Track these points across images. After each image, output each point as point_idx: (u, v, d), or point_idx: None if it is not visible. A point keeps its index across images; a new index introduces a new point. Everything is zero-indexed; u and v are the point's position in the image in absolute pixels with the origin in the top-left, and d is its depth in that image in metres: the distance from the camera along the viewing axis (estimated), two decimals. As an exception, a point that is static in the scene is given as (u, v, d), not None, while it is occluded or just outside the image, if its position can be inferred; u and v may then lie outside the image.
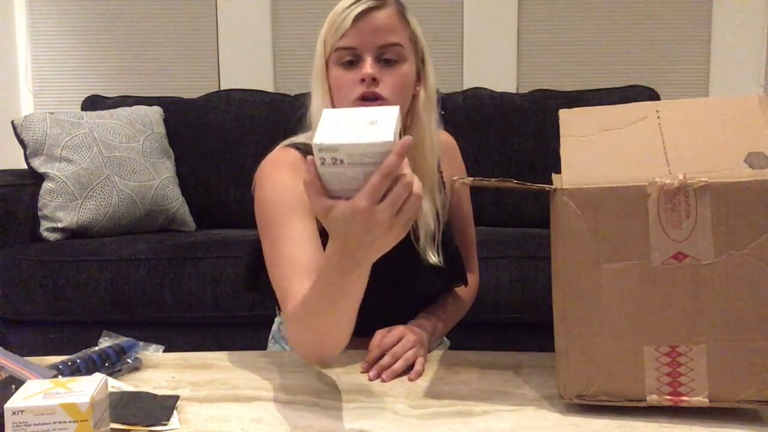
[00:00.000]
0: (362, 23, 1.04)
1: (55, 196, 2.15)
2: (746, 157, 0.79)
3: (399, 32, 1.07)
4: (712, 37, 3.19)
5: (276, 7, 3.22)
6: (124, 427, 0.79)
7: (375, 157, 0.67)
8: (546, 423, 0.83)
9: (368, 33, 1.04)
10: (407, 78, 1.08)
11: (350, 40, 1.04)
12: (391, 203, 0.69)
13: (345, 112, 0.72)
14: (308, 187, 0.71)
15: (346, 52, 1.05)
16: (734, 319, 0.79)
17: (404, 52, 1.07)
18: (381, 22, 1.05)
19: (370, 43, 1.04)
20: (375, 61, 1.05)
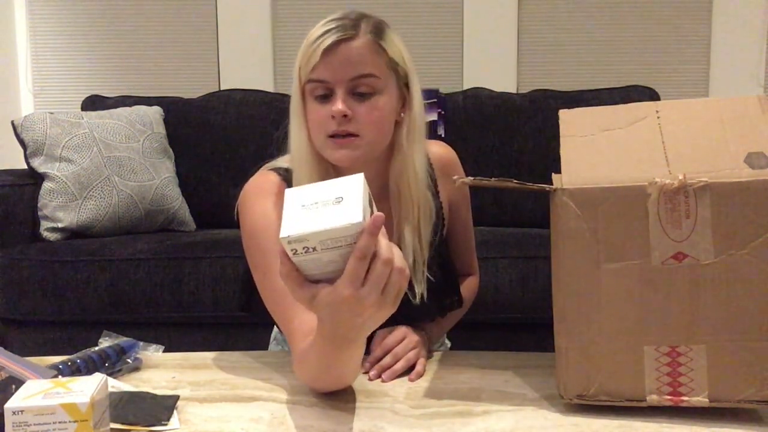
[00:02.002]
0: (332, 57, 0.99)
1: (55, 196, 2.15)
2: (746, 157, 0.79)
3: (373, 63, 1.01)
4: (712, 37, 3.19)
5: (276, 7, 3.22)
6: (124, 427, 0.79)
7: (347, 239, 0.65)
8: (546, 423, 0.83)
9: (338, 66, 0.99)
10: (383, 111, 1.02)
11: (321, 73, 1.00)
12: (375, 284, 0.67)
13: (308, 191, 0.68)
14: (286, 279, 0.69)
15: (318, 85, 1.01)
16: (734, 319, 0.79)
17: (379, 84, 1.01)
18: (352, 54, 0.99)
19: (341, 77, 0.99)
20: (348, 94, 1.00)
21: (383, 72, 1.02)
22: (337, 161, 1.03)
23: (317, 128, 1.03)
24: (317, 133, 1.03)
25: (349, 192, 0.67)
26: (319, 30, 1.00)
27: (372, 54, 1.01)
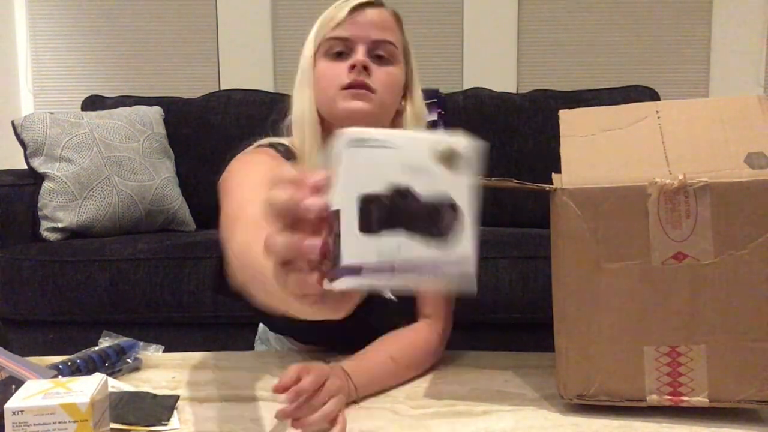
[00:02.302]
0: (358, 16, 1.01)
1: (55, 196, 2.15)
2: (746, 157, 0.79)
3: (394, 33, 1.04)
4: (712, 37, 3.19)
5: (276, 7, 3.22)
6: (124, 427, 0.79)
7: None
8: (546, 423, 0.83)
9: (363, 26, 1.01)
10: (397, 79, 1.04)
11: (343, 31, 1.01)
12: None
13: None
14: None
15: (337, 42, 1.01)
16: (734, 319, 0.79)
17: (396, 54, 1.04)
18: (377, 18, 1.02)
19: (364, 36, 1.01)
20: (366, 54, 1.01)
21: (400, 46, 1.05)
22: (349, 112, 0.99)
23: (329, 82, 1.01)
24: (328, 87, 1.01)
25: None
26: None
27: (394, 26, 1.04)
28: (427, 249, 0.44)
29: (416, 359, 1.00)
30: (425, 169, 0.44)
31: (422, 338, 1.01)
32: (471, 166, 0.46)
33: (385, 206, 0.43)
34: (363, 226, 0.42)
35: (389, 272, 0.42)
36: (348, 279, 0.42)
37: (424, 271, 0.44)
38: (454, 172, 0.45)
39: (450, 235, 0.45)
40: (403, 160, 0.44)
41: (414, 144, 0.44)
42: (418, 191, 0.43)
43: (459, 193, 0.45)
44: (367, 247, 0.42)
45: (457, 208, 0.45)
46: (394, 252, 0.43)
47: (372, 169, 0.43)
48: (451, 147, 0.45)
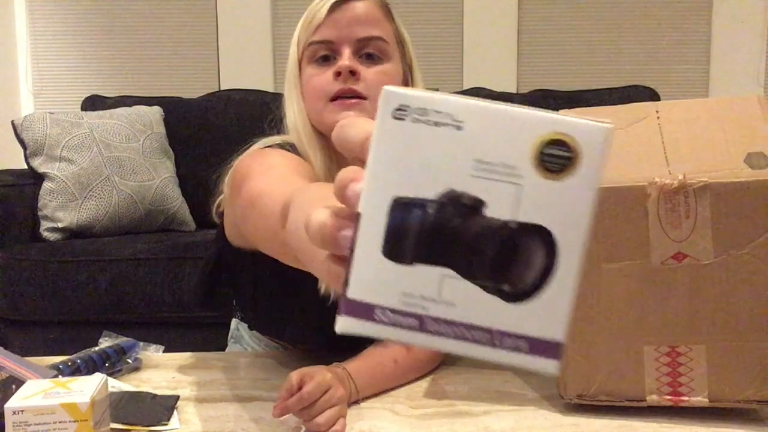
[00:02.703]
0: (338, 14, 0.91)
1: (55, 196, 2.15)
2: (746, 157, 0.79)
3: (381, 26, 0.94)
4: (712, 37, 3.19)
5: (276, 7, 3.22)
6: (124, 427, 0.79)
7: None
8: (546, 423, 0.83)
9: (345, 24, 0.91)
10: (391, 77, 0.93)
11: (325, 33, 0.92)
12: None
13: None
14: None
15: (320, 46, 0.92)
16: (734, 319, 0.79)
17: (388, 49, 0.94)
18: (360, 13, 0.92)
19: (347, 35, 0.91)
20: (354, 55, 0.92)
21: (391, 40, 0.95)
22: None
23: (316, 94, 0.92)
24: (316, 99, 0.93)
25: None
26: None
27: (381, 17, 0.94)
28: (486, 306, 0.28)
29: (419, 361, 0.99)
30: (511, 169, 0.28)
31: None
32: (593, 173, 0.28)
33: (432, 224, 0.28)
34: (389, 249, 0.28)
35: (414, 328, 0.29)
36: (351, 320, 0.29)
37: (473, 338, 0.29)
38: (560, 179, 0.28)
39: (531, 289, 0.28)
40: (476, 150, 0.28)
41: (498, 126, 0.28)
42: (491, 206, 0.28)
43: (563, 219, 0.28)
44: (389, 281, 0.28)
45: (554, 246, 0.28)
46: (429, 300, 0.28)
47: (420, 160, 0.28)
48: (564, 136, 0.28)
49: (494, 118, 0.28)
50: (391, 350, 0.95)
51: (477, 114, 0.28)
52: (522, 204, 0.28)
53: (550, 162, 0.28)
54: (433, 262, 0.28)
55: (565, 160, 0.28)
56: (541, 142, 0.28)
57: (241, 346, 1.18)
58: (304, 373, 0.81)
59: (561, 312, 0.29)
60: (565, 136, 0.28)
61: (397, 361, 0.95)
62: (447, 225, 0.28)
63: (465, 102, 0.28)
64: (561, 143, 0.28)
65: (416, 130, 0.28)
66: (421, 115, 0.28)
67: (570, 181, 0.28)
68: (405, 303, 0.28)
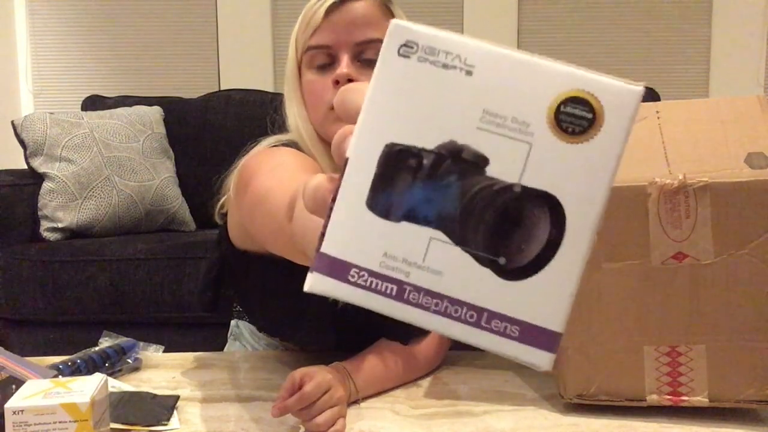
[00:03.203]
0: (336, 17, 0.89)
1: (55, 196, 2.15)
2: (746, 157, 0.79)
3: (381, 26, 0.90)
4: (712, 37, 3.20)
5: (276, 7, 3.22)
6: (124, 427, 0.79)
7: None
8: (546, 423, 0.83)
9: (343, 28, 0.89)
10: None
11: (322, 38, 0.90)
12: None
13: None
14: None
15: (318, 51, 0.91)
16: (734, 319, 0.79)
17: None
18: (358, 15, 0.90)
19: (345, 40, 0.89)
20: (352, 61, 0.90)
21: None
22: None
23: (316, 101, 0.91)
24: (316, 107, 0.91)
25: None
26: None
27: (380, 17, 0.91)
28: (476, 280, 0.25)
29: (420, 361, 0.98)
30: (523, 126, 0.24)
31: (427, 340, 0.99)
32: (615, 140, 0.25)
33: (426, 177, 0.25)
34: (374, 201, 0.25)
35: (391, 296, 0.25)
36: (322, 279, 0.26)
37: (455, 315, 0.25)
38: (577, 142, 0.25)
39: (530, 266, 0.25)
40: (485, 100, 0.25)
41: (514, 75, 0.25)
42: (495, 165, 0.24)
43: (575, 189, 0.24)
44: (371, 238, 0.25)
45: (562, 219, 0.25)
46: (413, 265, 0.25)
47: (421, 104, 0.25)
48: (587, 94, 0.25)
49: (510, 66, 0.25)
50: (392, 350, 0.95)
51: (491, 59, 0.25)
52: (530, 166, 0.24)
53: (568, 122, 0.24)
54: (421, 221, 0.25)
55: (585, 122, 0.24)
56: (561, 98, 0.24)
57: (240, 343, 1.18)
58: (304, 373, 0.81)
59: (562, 297, 0.25)
60: (589, 94, 0.24)
61: (397, 361, 0.95)
62: (443, 181, 0.24)
63: (479, 45, 0.25)
64: (583, 102, 0.24)
65: (421, 71, 0.25)
66: (429, 55, 0.25)
67: (588, 146, 0.24)
68: (385, 265, 0.25)
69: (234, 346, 1.19)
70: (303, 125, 0.93)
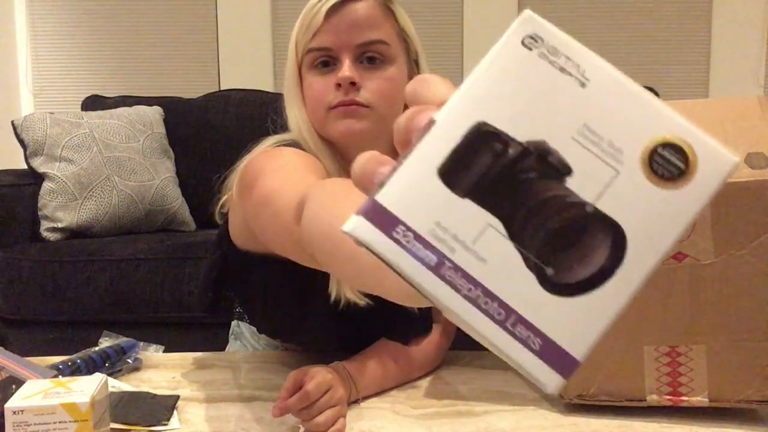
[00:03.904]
0: (336, 18, 0.87)
1: (55, 196, 2.15)
2: (746, 157, 0.79)
3: (383, 27, 0.90)
4: (712, 37, 3.20)
5: (276, 7, 3.22)
6: (124, 427, 0.79)
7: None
8: (546, 423, 0.83)
9: (344, 29, 0.88)
10: (395, 82, 0.89)
11: (323, 40, 0.88)
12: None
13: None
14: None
15: (319, 53, 0.89)
16: (734, 319, 0.79)
17: (390, 51, 0.90)
18: (359, 16, 0.88)
19: (346, 42, 0.88)
20: (354, 62, 0.88)
21: (393, 40, 0.91)
22: (340, 134, 0.89)
23: (317, 103, 0.90)
24: (317, 108, 0.90)
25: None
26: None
27: (381, 18, 0.90)
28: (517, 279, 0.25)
29: (420, 361, 0.98)
30: (617, 152, 0.25)
31: (427, 340, 0.99)
32: (698, 197, 0.25)
33: (505, 166, 0.25)
34: (446, 171, 0.25)
35: (429, 266, 0.25)
36: (366, 225, 0.25)
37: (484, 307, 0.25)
38: (661, 187, 0.25)
39: (575, 286, 0.25)
40: (589, 115, 0.25)
41: (624, 101, 0.25)
42: (576, 179, 0.25)
43: (645, 229, 0.25)
44: (430, 203, 0.25)
45: (622, 252, 0.25)
46: (460, 244, 0.25)
47: (527, 97, 0.25)
48: (687, 146, 0.25)
49: (623, 93, 0.25)
50: (392, 350, 0.95)
51: (607, 80, 0.25)
52: (610, 192, 0.25)
53: (661, 164, 0.25)
54: (486, 205, 0.24)
55: (677, 171, 0.25)
56: (661, 140, 0.25)
57: (241, 343, 1.18)
58: (305, 373, 0.81)
59: (594, 328, 0.25)
60: (688, 146, 0.25)
61: (398, 361, 0.95)
62: (521, 175, 0.25)
63: (600, 62, 0.26)
64: (680, 151, 0.25)
65: (538, 66, 0.25)
66: (551, 54, 0.26)
67: (671, 194, 0.25)
68: (434, 234, 0.25)
69: (235, 346, 1.19)
70: (304, 126, 0.92)
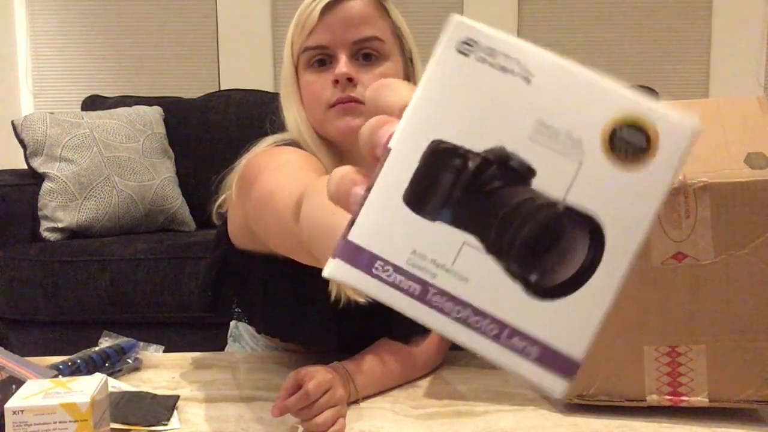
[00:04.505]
0: (331, 16, 0.89)
1: (55, 196, 2.15)
2: (746, 157, 0.79)
3: (377, 24, 0.91)
4: (712, 37, 3.19)
5: (276, 7, 3.22)
6: (124, 427, 0.79)
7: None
8: (546, 423, 0.83)
9: (339, 27, 0.89)
10: (391, 78, 0.92)
11: (319, 38, 0.90)
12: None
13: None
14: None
15: (315, 52, 0.90)
16: (734, 319, 0.79)
17: (385, 48, 0.91)
18: (354, 14, 0.89)
19: (342, 40, 0.89)
20: (351, 59, 0.90)
21: (388, 37, 0.92)
22: (339, 132, 0.90)
23: (315, 101, 0.91)
24: (315, 107, 0.91)
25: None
26: None
27: (376, 15, 0.91)
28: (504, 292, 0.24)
29: (420, 362, 0.98)
30: (576, 143, 0.24)
31: (428, 340, 0.99)
32: (666, 171, 0.24)
33: (469, 180, 0.24)
34: (412, 197, 0.24)
35: (414, 296, 0.24)
36: (345, 267, 0.25)
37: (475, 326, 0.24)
38: (628, 168, 0.24)
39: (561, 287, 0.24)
40: (541, 111, 0.24)
41: (573, 89, 0.24)
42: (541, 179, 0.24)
43: (619, 215, 0.24)
44: (402, 233, 0.24)
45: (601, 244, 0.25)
46: (441, 268, 0.24)
47: (474, 105, 0.24)
48: (645, 122, 0.24)
49: (570, 80, 0.25)
50: (392, 350, 0.95)
51: (553, 70, 0.25)
52: (577, 185, 0.24)
53: (622, 146, 0.24)
54: (457, 224, 0.24)
55: (639, 149, 0.24)
56: (619, 121, 0.24)
57: (240, 345, 1.18)
58: (305, 373, 0.81)
59: (588, 325, 0.25)
60: (647, 122, 0.24)
61: (398, 361, 0.95)
62: (486, 186, 0.24)
63: (541, 53, 0.25)
64: (640, 129, 0.24)
65: (478, 71, 0.24)
66: (488, 56, 0.25)
67: (638, 174, 0.24)
68: (412, 264, 0.24)
69: (233, 347, 1.19)
70: (303, 126, 0.93)
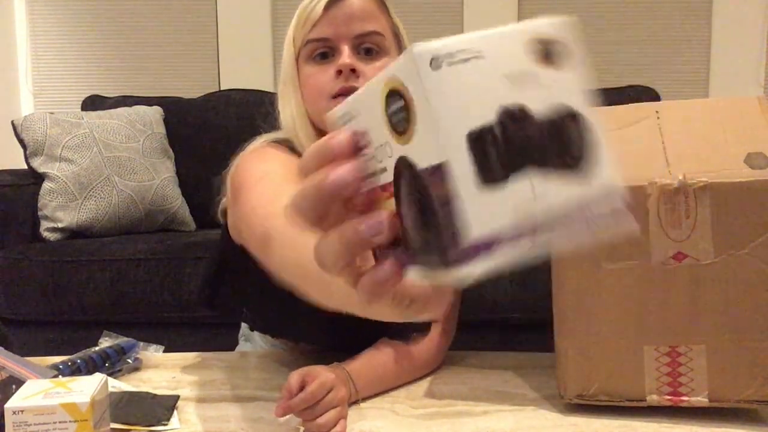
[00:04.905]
0: (334, 11, 0.92)
1: (55, 196, 2.15)
2: (746, 157, 0.79)
3: (379, 20, 0.94)
4: (712, 37, 3.19)
5: (276, 7, 3.22)
6: (124, 427, 0.79)
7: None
8: (546, 423, 0.83)
9: (342, 21, 0.92)
10: None
11: (322, 31, 0.92)
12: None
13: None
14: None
15: (318, 44, 0.93)
16: (734, 319, 0.79)
17: (385, 43, 0.94)
18: (357, 9, 0.92)
19: (345, 32, 0.92)
20: (352, 52, 0.92)
21: (388, 34, 0.95)
22: None
23: (317, 93, 0.93)
24: (317, 98, 0.93)
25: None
26: None
27: (377, 12, 0.95)
28: (568, 185, 0.31)
29: (420, 362, 0.99)
30: (528, 74, 0.31)
31: (427, 340, 1.00)
32: (575, 54, 0.33)
33: (499, 140, 0.30)
34: (484, 177, 0.29)
35: (530, 234, 0.30)
36: (481, 260, 0.30)
37: (572, 219, 0.31)
38: (558, 69, 0.32)
39: (583, 158, 0.32)
40: (501, 68, 0.31)
41: (502, 44, 0.32)
42: (531, 107, 0.31)
43: (575, 97, 0.33)
44: (497, 204, 0.29)
45: (580, 119, 0.32)
46: (531, 202, 0.30)
47: (471, 93, 0.30)
48: (543, 36, 0.33)
49: (496, 39, 0.32)
50: (392, 350, 0.95)
51: (486, 41, 0.31)
52: (548, 96, 0.31)
53: (547, 54, 0.32)
54: (517, 169, 0.30)
55: (554, 53, 0.33)
56: (535, 43, 0.32)
57: (251, 344, 1.19)
58: (307, 373, 0.81)
59: (607, 158, 0.32)
60: (544, 35, 0.33)
61: (398, 361, 0.95)
62: (511, 134, 0.30)
63: (474, 36, 0.31)
64: (546, 42, 0.33)
65: (453, 71, 0.30)
66: (452, 58, 0.30)
67: (564, 67, 0.32)
68: (515, 213, 0.30)
69: (245, 346, 1.20)
70: (299, 121, 0.94)
